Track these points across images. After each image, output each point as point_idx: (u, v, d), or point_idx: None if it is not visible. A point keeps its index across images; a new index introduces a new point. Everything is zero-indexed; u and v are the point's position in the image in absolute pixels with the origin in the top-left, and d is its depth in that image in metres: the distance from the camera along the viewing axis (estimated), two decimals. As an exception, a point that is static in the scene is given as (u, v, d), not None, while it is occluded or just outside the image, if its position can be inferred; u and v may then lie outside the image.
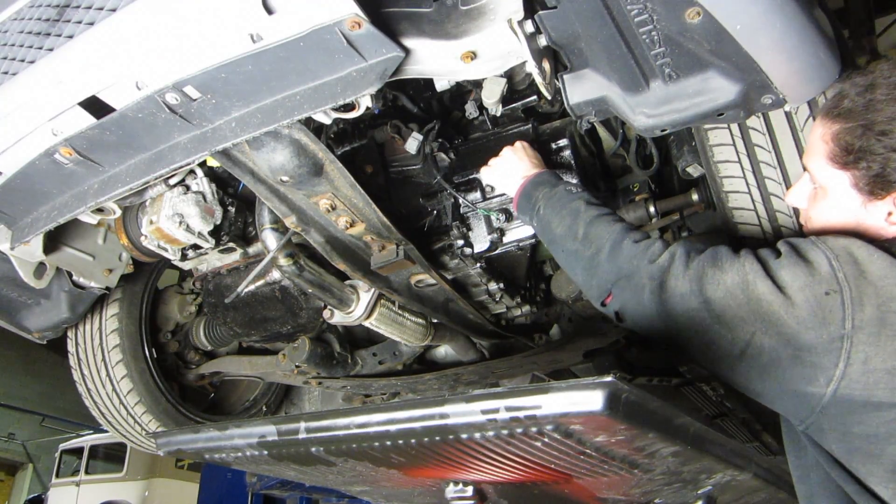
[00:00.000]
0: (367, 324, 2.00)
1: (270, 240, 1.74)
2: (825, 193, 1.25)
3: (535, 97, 1.82)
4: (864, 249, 1.11)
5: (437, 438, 1.17)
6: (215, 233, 1.96)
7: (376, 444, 1.24)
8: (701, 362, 1.22)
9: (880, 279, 1.08)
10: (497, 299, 2.12)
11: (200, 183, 1.92)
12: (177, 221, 1.84)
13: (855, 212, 1.21)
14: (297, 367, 2.30)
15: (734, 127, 1.60)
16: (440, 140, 1.92)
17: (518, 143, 1.70)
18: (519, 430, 1.06)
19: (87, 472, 10.46)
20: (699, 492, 1.54)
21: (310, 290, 1.88)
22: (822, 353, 1.06)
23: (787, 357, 1.09)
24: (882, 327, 1.04)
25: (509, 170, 1.65)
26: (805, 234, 1.36)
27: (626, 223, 1.38)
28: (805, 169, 1.31)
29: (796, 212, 1.56)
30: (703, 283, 1.16)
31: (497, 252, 1.92)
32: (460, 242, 1.88)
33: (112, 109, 1.35)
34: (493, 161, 1.71)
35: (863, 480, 1.13)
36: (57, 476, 10.95)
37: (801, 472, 1.32)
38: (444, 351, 2.65)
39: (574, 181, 1.53)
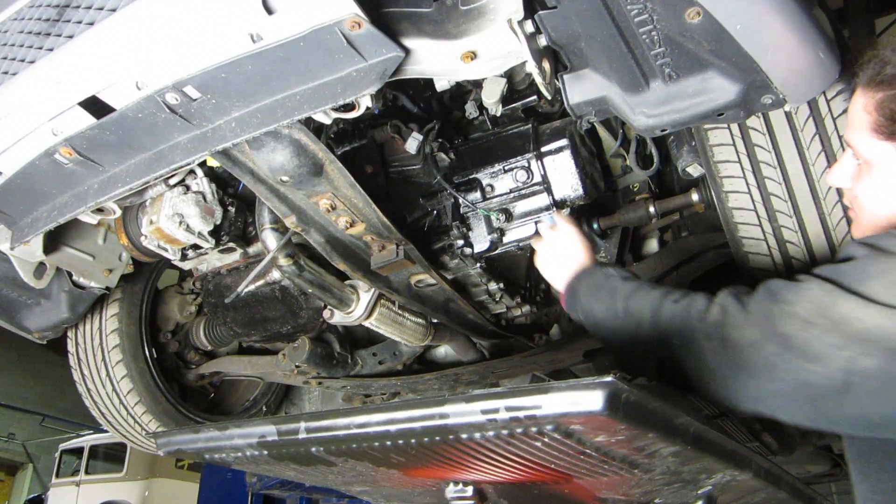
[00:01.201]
0: (367, 324, 2.00)
1: (270, 240, 1.74)
2: (870, 168, 1.16)
3: (535, 97, 1.82)
4: None
5: (437, 438, 1.17)
6: (215, 233, 1.96)
7: (376, 444, 1.24)
8: (802, 413, 1.08)
9: None
10: (497, 299, 2.12)
11: (200, 183, 1.92)
12: (177, 221, 1.84)
13: None
14: (297, 367, 2.30)
15: (734, 127, 1.59)
16: (440, 140, 1.91)
17: (566, 236, 1.61)
18: (519, 430, 1.06)
19: (87, 472, 10.46)
20: (699, 492, 1.54)
21: (310, 290, 1.88)
22: None
23: None
24: None
25: (557, 270, 1.60)
26: (849, 217, 1.26)
27: (665, 288, 1.30)
28: (847, 145, 1.22)
29: (839, 193, 1.47)
30: (772, 322, 1.04)
31: (497, 252, 1.92)
32: (460, 242, 1.88)
33: (112, 109, 1.35)
34: (541, 256, 1.66)
35: None
36: (57, 476, 10.95)
37: (884, 498, 1.18)
38: (444, 351, 2.65)
39: (617, 269, 1.47)
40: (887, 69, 1.10)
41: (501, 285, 2.02)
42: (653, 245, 2.38)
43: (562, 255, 1.60)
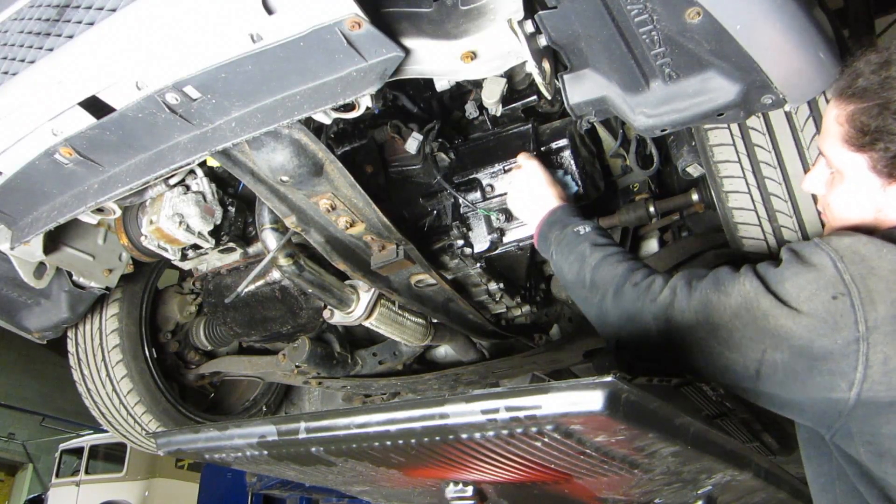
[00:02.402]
0: (367, 324, 2.00)
1: (270, 240, 1.74)
2: (842, 178, 1.20)
3: (535, 97, 1.82)
4: (871, 245, 1.07)
5: (437, 438, 1.17)
6: (215, 233, 1.96)
7: (376, 444, 1.24)
8: (723, 386, 1.23)
9: (892, 273, 1.03)
10: (497, 299, 2.12)
11: (200, 183, 1.92)
12: (177, 221, 1.84)
13: (874, 196, 1.17)
14: (297, 367, 2.30)
15: (734, 127, 1.59)
16: (440, 140, 1.91)
17: (530, 171, 1.64)
18: (519, 430, 1.06)
19: (87, 472, 10.47)
20: (699, 492, 1.54)
21: (310, 290, 1.88)
22: (839, 358, 1.03)
23: (803, 369, 1.06)
24: None
25: (526, 203, 1.63)
26: (823, 221, 1.33)
27: (630, 263, 1.36)
28: (821, 153, 1.27)
29: (814, 199, 1.52)
30: (708, 311, 1.15)
31: (497, 252, 1.92)
32: (460, 242, 1.88)
33: (112, 109, 1.35)
34: (510, 197, 1.69)
35: (891, 488, 1.09)
36: (57, 476, 10.96)
37: (825, 480, 1.28)
38: (444, 351, 2.65)
39: (586, 221, 1.50)
40: (859, 81, 1.14)
41: (501, 285, 2.02)
42: (653, 245, 2.38)
43: (527, 194, 1.63)
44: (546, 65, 1.34)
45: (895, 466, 1.07)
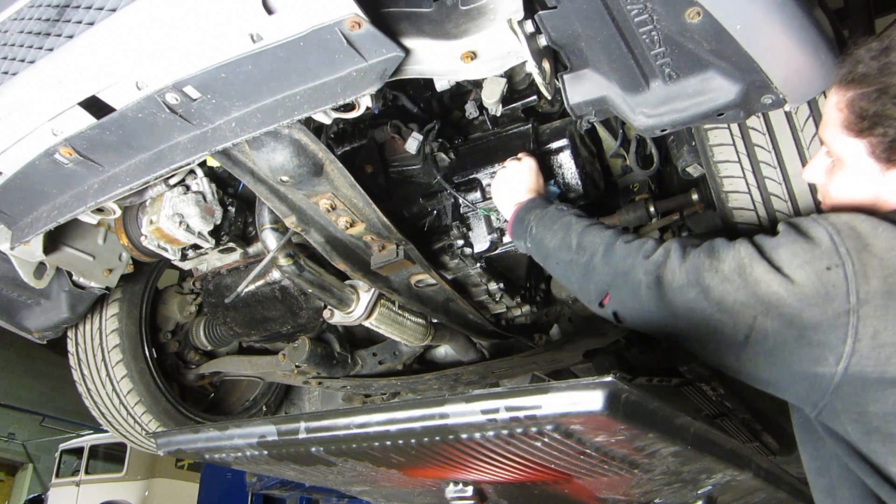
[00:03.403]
0: (367, 324, 2.00)
1: (270, 240, 1.74)
2: (842, 165, 1.20)
3: (535, 97, 1.82)
4: (867, 223, 1.08)
5: (437, 438, 1.17)
6: (215, 233, 1.96)
7: (376, 444, 1.24)
8: (705, 355, 1.20)
9: (886, 251, 1.04)
10: (497, 299, 2.12)
11: (200, 183, 1.92)
12: (177, 221, 1.84)
13: (874, 182, 1.16)
14: (297, 367, 2.30)
15: (734, 127, 1.60)
16: (440, 140, 1.92)
17: (521, 164, 1.67)
18: (519, 430, 1.06)
19: (87, 472, 10.46)
20: (699, 492, 1.54)
21: (310, 290, 1.88)
22: (829, 329, 1.03)
23: (792, 338, 1.06)
24: (890, 300, 1.01)
25: (506, 195, 1.65)
26: (822, 210, 1.32)
27: (617, 228, 1.38)
28: (821, 141, 1.27)
29: (813, 188, 1.52)
30: (699, 272, 1.14)
31: (497, 252, 1.92)
32: (460, 242, 1.88)
33: (112, 109, 1.35)
34: (495, 181, 1.71)
35: (882, 466, 1.08)
36: (57, 476, 10.95)
37: (820, 463, 1.28)
38: (444, 351, 2.65)
39: (567, 206, 1.54)
40: (859, 68, 1.14)
41: (501, 285, 2.02)
42: (653, 245, 2.38)
43: (513, 182, 1.64)
44: (546, 65, 1.34)
45: (884, 444, 1.07)
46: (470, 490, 1.55)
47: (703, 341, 1.16)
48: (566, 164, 1.87)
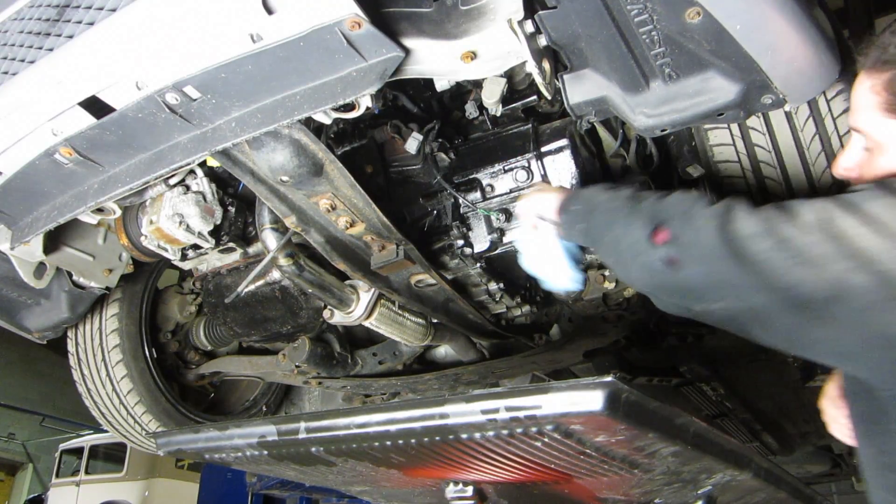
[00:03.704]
0: (367, 324, 2.00)
1: (270, 240, 1.74)
2: (882, 150, 1.16)
3: (535, 97, 1.82)
4: None
5: (437, 438, 1.17)
6: (215, 233, 1.96)
7: (376, 444, 1.24)
8: (782, 327, 1.08)
9: None
10: (497, 299, 2.12)
11: (200, 183, 1.92)
12: (177, 221, 1.84)
13: None
14: (297, 367, 2.30)
15: (734, 127, 1.60)
16: (440, 140, 1.91)
17: (534, 196, 1.54)
18: (519, 430, 1.06)
19: (87, 472, 10.46)
20: (699, 492, 1.54)
21: (310, 290, 1.88)
22: None
23: (883, 299, 0.96)
24: None
25: (543, 203, 1.50)
26: None
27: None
28: (855, 131, 1.22)
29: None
30: (774, 222, 1.05)
31: (497, 252, 1.92)
32: (460, 242, 1.88)
33: (112, 109, 1.35)
34: (522, 208, 1.57)
35: None
36: (57, 476, 10.95)
37: (890, 459, 1.17)
38: (444, 351, 2.65)
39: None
40: (890, 49, 1.12)
41: (501, 285, 2.01)
42: (653, 245, 2.38)
43: (544, 194, 1.52)
44: (546, 65, 1.34)
45: None
46: (470, 490, 1.55)
47: (777, 299, 1.04)
48: (566, 164, 1.87)
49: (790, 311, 1.04)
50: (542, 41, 1.29)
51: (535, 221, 1.53)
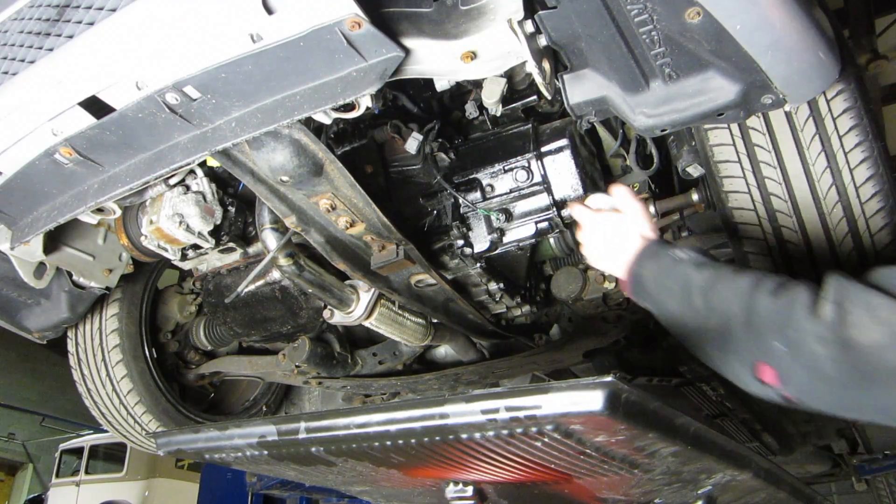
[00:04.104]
0: (367, 324, 2.00)
1: (270, 240, 1.74)
2: None
3: (535, 97, 1.82)
4: None
5: (437, 438, 1.17)
6: (215, 233, 1.96)
7: (376, 444, 1.24)
8: None
9: None
10: (497, 299, 2.12)
11: (200, 183, 1.92)
12: (177, 221, 1.84)
13: None
14: (297, 367, 2.30)
15: (734, 127, 1.59)
16: (440, 140, 1.91)
17: (595, 220, 1.38)
18: (519, 430, 1.06)
19: (87, 472, 10.47)
20: (699, 492, 1.54)
21: (310, 290, 1.88)
22: None
23: None
24: None
25: (610, 252, 1.36)
26: None
27: (752, 275, 1.11)
28: None
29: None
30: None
31: (497, 252, 1.92)
32: (460, 242, 1.88)
33: (112, 109, 1.35)
34: (588, 242, 1.41)
35: None
36: (57, 476, 10.95)
37: None
38: (444, 351, 2.65)
39: (687, 251, 1.22)
40: None
41: (501, 285, 2.02)
42: (653, 245, 2.38)
43: (615, 236, 1.35)
44: (546, 65, 1.34)
45: None
46: (470, 490, 1.55)
47: None
48: (566, 164, 1.87)
49: None
50: (542, 41, 1.29)
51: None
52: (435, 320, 2.19)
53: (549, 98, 1.48)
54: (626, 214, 1.36)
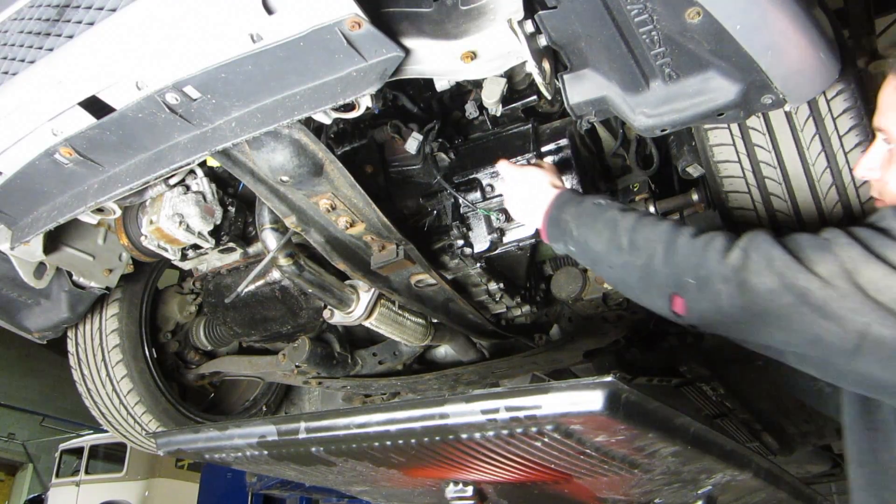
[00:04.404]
0: (367, 324, 2.00)
1: (270, 240, 1.74)
2: None
3: (535, 97, 1.82)
4: None
5: (437, 438, 1.17)
6: (215, 233, 1.96)
7: (376, 444, 1.24)
8: (806, 364, 1.09)
9: None
10: (497, 299, 2.12)
11: (200, 183, 1.92)
12: (177, 221, 1.84)
13: None
14: (297, 367, 2.30)
15: (734, 127, 1.59)
16: (440, 140, 1.91)
17: (530, 166, 1.52)
18: (519, 430, 1.06)
19: (87, 472, 10.47)
20: (699, 492, 1.54)
21: (310, 290, 1.88)
22: None
23: None
24: None
25: (527, 197, 1.48)
26: (876, 207, 1.23)
27: (673, 220, 1.26)
28: (878, 131, 1.21)
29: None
30: (793, 275, 1.02)
31: (497, 252, 1.92)
32: (460, 242, 1.88)
33: (112, 109, 1.35)
34: (507, 187, 1.55)
35: None
36: (57, 476, 10.95)
37: (871, 444, 1.21)
38: (444, 351, 2.65)
39: (605, 198, 1.37)
40: None
41: (501, 285, 2.02)
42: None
43: (531, 181, 1.48)
44: (546, 65, 1.34)
45: None
46: (470, 490, 1.55)
47: (801, 349, 1.05)
48: (566, 165, 1.87)
49: (820, 354, 1.04)
50: (542, 41, 1.29)
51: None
52: (435, 320, 2.19)
53: (549, 98, 1.48)
54: (541, 170, 1.50)
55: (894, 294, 0.96)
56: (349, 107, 1.33)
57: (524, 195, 1.50)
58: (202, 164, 1.86)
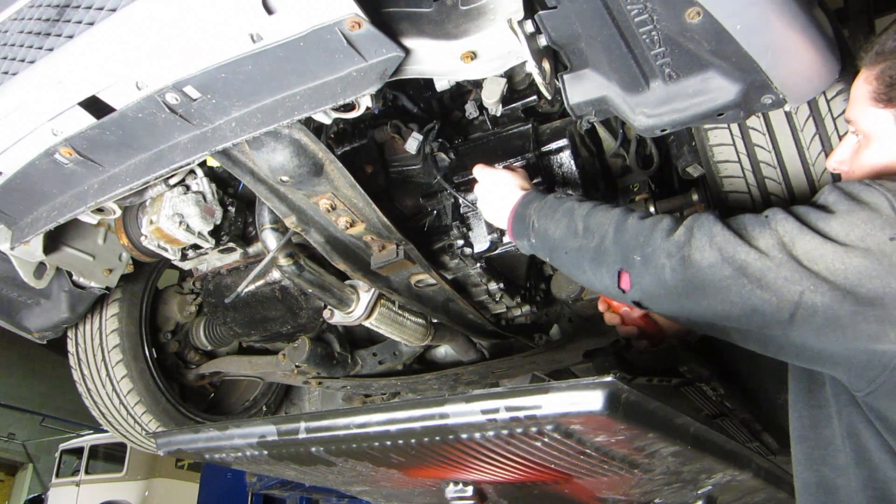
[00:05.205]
0: (367, 324, 2.00)
1: (270, 240, 1.74)
2: (869, 140, 1.19)
3: (535, 97, 1.82)
4: None
5: (437, 438, 1.17)
6: (215, 233, 1.96)
7: (376, 444, 1.24)
8: (745, 337, 1.12)
9: None
10: (497, 299, 2.12)
11: (200, 183, 1.92)
12: (177, 221, 1.84)
13: None
14: (297, 367, 2.30)
15: (734, 127, 1.60)
16: (440, 140, 1.91)
17: (499, 169, 1.60)
18: (519, 430, 1.06)
19: (87, 472, 10.48)
20: (699, 492, 1.54)
21: (310, 290, 1.88)
22: (891, 304, 0.96)
23: (846, 314, 0.99)
24: None
25: (497, 199, 1.55)
26: None
27: (625, 206, 1.30)
28: (848, 123, 1.25)
29: (837, 179, 1.47)
30: (733, 248, 1.06)
31: (497, 252, 1.92)
32: (460, 242, 1.88)
33: (112, 109, 1.35)
34: (480, 192, 1.60)
35: None
36: (57, 476, 10.96)
37: (813, 420, 1.25)
38: (444, 351, 2.65)
39: (565, 193, 1.44)
40: (888, 44, 1.15)
41: (501, 285, 2.01)
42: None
43: (501, 184, 1.55)
44: (546, 65, 1.34)
45: None
46: (470, 490, 1.55)
47: (741, 322, 1.08)
48: (566, 164, 1.87)
49: (758, 326, 1.08)
50: (542, 41, 1.29)
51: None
52: (435, 320, 2.20)
53: (549, 98, 1.48)
54: (512, 173, 1.57)
55: (827, 263, 1.00)
56: (349, 107, 1.33)
57: (495, 196, 1.56)
58: (202, 164, 1.86)
